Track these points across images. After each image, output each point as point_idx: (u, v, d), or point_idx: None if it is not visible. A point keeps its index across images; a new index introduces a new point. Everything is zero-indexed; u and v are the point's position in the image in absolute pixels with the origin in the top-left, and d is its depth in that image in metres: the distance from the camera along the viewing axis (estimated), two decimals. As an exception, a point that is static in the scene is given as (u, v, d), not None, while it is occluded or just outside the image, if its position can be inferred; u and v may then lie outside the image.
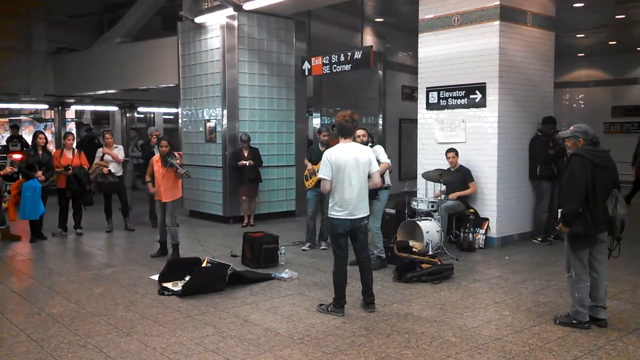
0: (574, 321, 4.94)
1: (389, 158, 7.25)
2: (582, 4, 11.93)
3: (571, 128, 5.01)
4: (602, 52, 17.80)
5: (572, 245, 4.89)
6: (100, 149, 9.82)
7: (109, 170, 9.56)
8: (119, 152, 9.84)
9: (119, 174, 9.78)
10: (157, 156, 7.76)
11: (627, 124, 18.15)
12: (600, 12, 12.86)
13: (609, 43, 16.46)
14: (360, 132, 7.04)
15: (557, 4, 9.28)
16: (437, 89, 8.94)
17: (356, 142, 5.73)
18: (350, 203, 5.25)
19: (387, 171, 7.18)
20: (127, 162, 11.09)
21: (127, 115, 18.25)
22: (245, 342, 4.63)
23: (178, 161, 7.64)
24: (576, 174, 4.75)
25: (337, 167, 5.22)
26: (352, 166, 5.23)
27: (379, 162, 6.18)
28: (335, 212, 5.29)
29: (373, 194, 6.45)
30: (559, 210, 4.98)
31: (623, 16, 13.15)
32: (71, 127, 17.67)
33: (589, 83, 18.92)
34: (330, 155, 5.26)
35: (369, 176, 5.35)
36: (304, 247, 8.35)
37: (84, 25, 16.11)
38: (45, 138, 9.31)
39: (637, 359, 4.30)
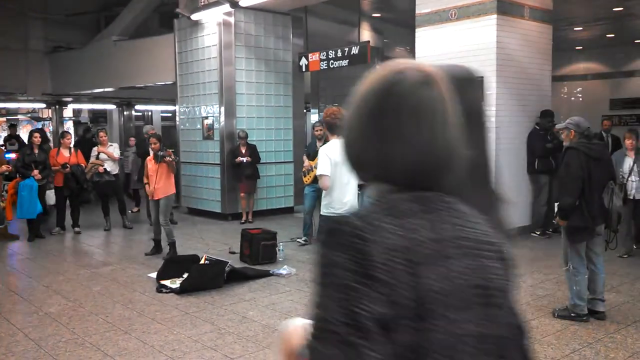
0: (572, 314, 4.94)
1: None
2: (579, -3, 11.91)
3: (567, 120, 5.02)
4: (600, 45, 17.76)
5: (569, 238, 4.89)
6: (95, 148, 9.80)
7: (105, 169, 9.54)
8: (114, 150, 9.82)
9: (114, 172, 9.75)
10: (150, 156, 7.76)
11: (625, 116, 18.13)
12: (597, 5, 12.82)
13: (607, 36, 16.42)
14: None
15: (554, -4, 9.26)
16: (435, 84, 8.91)
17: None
18: (347, 202, 5.24)
19: None
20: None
21: (125, 113, 18.22)
22: (244, 339, 4.62)
23: (167, 153, 7.63)
24: (572, 167, 4.74)
25: (335, 163, 5.19)
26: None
27: None
28: (334, 209, 5.25)
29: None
30: (556, 204, 4.98)
31: (621, 9, 13.12)
32: (68, 126, 17.64)
33: (587, 76, 18.88)
34: (328, 151, 5.23)
35: None
36: (299, 240, 8.36)
37: (81, 23, 16.06)
38: (41, 137, 9.30)
39: (636, 352, 4.29)
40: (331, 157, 5.19)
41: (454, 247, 1.01)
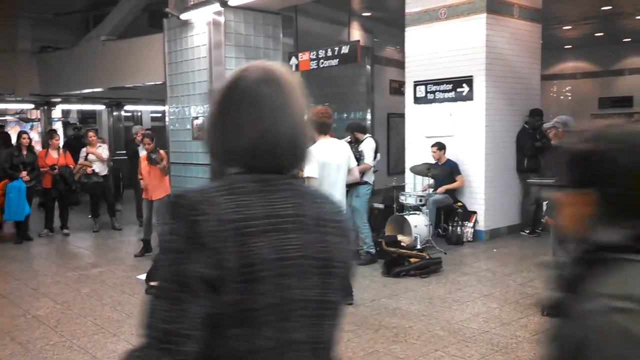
0: (561, 313, 4.95)
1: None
2: (568, -4, 11.96)
3: (554, 119, 5.04)
4: (589, 44, 17.86)
5: (558, 236, 4.90)
6: (84, 149, 9.71)
7: (93, 170, 9.45)
8: (103, 151, 9.75)
9: (103, 174, 9.67)
10: (144, 155, 7.71)
11: (614, 115, 18.22)
12: (586, 4, 12.89)
13: (596, 35, 16.51)
14: None
15: (543, -4, 9.30)
16: (425, 83, 8.93)
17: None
18: None
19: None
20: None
21: (114, 114, 18.10)
22: (233, 340, 4.60)
23: (160, 157, 7.56)
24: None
25: (322, 164, 5.17)
26: (336, 164, 5.20)
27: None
28: None
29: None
30: (545, 203, 4.99)
31: (609, 7, 13.20)
32: (57, 126, 17.48)
33: (576, 75, 18.98)
34: (315, 152, 5.20)
35: (349, 171, 5.39)
36: None
37: (69, 23, 15.92)
38: (30, 138, 9.22)
39: (624, 350, 4.31)
40: (318, 158, 5.17)
41: (290, 222, 1.15)
